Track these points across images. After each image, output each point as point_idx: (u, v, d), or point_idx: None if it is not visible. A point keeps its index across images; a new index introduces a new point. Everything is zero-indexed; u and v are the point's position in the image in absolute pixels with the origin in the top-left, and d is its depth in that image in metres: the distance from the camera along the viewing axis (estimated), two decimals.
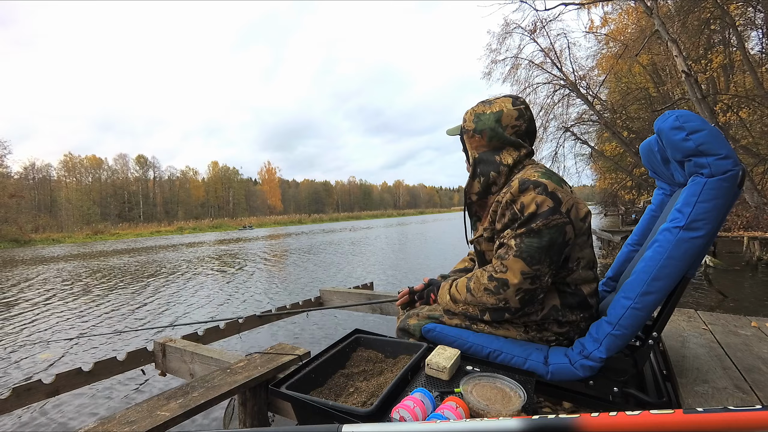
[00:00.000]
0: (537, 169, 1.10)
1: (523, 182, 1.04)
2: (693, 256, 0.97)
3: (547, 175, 1.06)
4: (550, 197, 1.01)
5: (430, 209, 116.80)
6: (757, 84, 9.62)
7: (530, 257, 1.00)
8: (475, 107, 1.23)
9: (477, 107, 1.22)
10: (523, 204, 1.03)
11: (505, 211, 1.07)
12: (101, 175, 56.59)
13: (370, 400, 0.95)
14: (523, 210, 1.02)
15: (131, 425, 1.02)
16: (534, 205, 1.01)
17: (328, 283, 7.51)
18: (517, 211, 1.04)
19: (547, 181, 1.03)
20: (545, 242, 1.00)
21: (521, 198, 1.03)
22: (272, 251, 14.93)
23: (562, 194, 1.03)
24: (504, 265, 1.04)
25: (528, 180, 1.04)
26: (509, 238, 1.05)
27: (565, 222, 1.02)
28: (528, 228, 1.01)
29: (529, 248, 1.01)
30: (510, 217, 1.06)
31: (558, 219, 1.01)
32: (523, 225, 1.03)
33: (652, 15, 9.18)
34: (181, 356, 1.73)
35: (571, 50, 14.17)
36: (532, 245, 1.00)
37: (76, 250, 21.79)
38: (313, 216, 70.00)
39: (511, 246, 1.04)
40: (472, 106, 1.25)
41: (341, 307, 2.89)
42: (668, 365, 1.28)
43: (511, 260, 1.02)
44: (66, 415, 2.63)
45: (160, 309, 5.85)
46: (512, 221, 1.05)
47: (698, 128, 0.94)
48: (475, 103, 1.26)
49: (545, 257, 1.01)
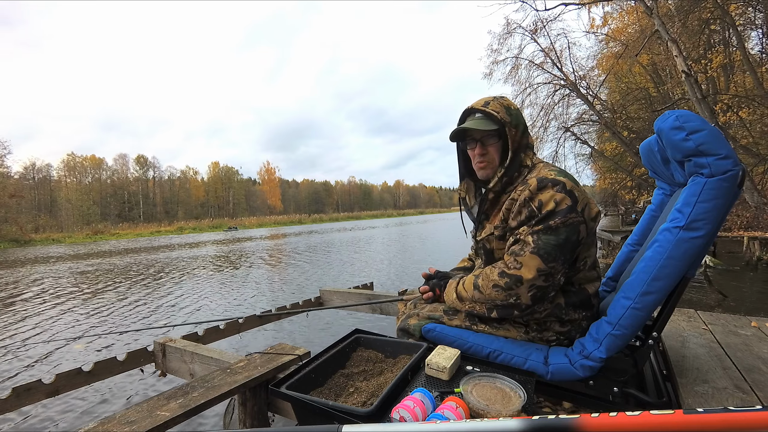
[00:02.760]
0: (551, 168, 1.11)
1: (542, 180, 1.05)
2: (693, 256, 0.97)
3: (563, 174, 1.07)
4: (569, 195, 1.02)
5: (430, 209, 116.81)
6: (757, 84, 9.62)
7: (547, 254, 1.00)
8: (499, 99, 1.16)
9: (503, 100, 1.16)
10: (542, 201, 1.03)
11: (522, 208, 1.07)
12: (101, 175, 56.60)
13: (370, 400, 0.94)
14: (541, 207, 1.03)
15: (131, 425, 1.02)
16: (553, 203, 1.02)
17: (328, 283, 7.51)
18: (534, 209, 1.04)
19: (565, 180, 1.04)
20: (562, 240, 1.01)
21: (539, 195, 1.04)
22: (271, 252, 14.93)
23: (579, 193, 1.04)
24: (518, 261, 1.04)
25: (546, 178, 1.05)
26: (526, 234, 1.04)
27: (580, 221, 1.02)
28: (546, 225, 1.02)
29: (546, 245, 1.01)
30: (527, 214, 1.05)
31: (575, 217, 1.01)
32: (540, 222, 1.03)
33: (652, 15, 9.18)
34: (181, 356, 1.73)
35: (572, 50, 14.20)
36: (549, 242, 1.01)
37: (77, 250, 21.79)
38: (313, 216, 70.02)
39: (528, 242, 1.03)
40: (491, 99, 1.16)
41: (341, 307, 2.89)
42: (668, 365, 1.28)
43: (527, 257, 1.02)
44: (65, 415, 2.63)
45: (160, 309, 5.85)
46: (529, 218, 1.05)
47: (698, 128, 0.94)
48: (476, 99, 1.23)
49: (561, 255, 1.01)
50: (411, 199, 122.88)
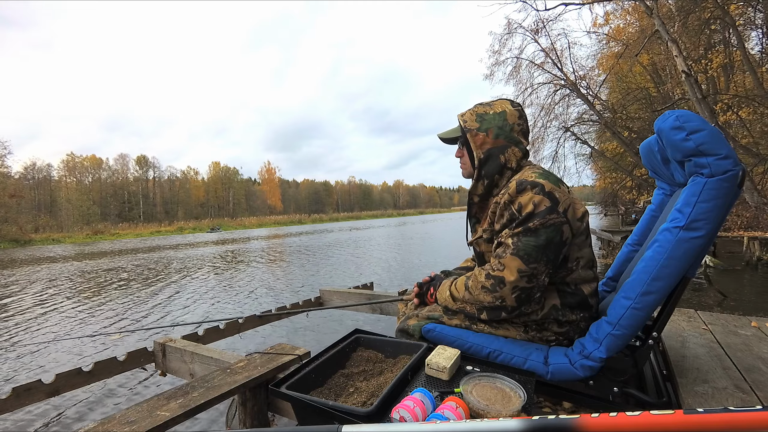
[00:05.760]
0: (534, 170, 1.12)
1: (521, 183, 1.06)
2: (693, 256, 0.97)
3: (545, 176, 1.08)
4: (547, 197, 1.03)
5: (430, 209, 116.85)
6: (757, 84, 9.62)
7: (527, 255, 1.01)
8: (473, 108, 1.24)
9: (476, 108, 1.23)
10: (521, 204, 1.04)
11: (504, 211, 1.08)
12: (101, 175, 56.59)
13: (370, 400, 0.94)
14: (521, 210, 1.04)
15: (131, 425, 1.02)
16: (531, 205, 1.02)
17: (327, 283, 7.51)
18: (515, 211, 1.05)
19: (544, 182, 1.05)
20: (542, 241, 1.01)
21: (519, 198, 1.05)
22: (270, 252, 14.93)
23: (559, 194, 1.04)
24: (501, 263, 1.05)
25: (525, 181, 1.06)
26: (507, 237, 1.06)
27: (562, 221, 1.03)
28: (525, 227, 1.03)
29: (526, 246, 1.02)
30: (508, 217, 1.07)
31: (555, 218, 1.02)
32: (520, 224, 1.04)
33: (652, 15, 9.18)
34: (181, 356, 1.73)
35: (572, 50, 14.20)
36: (529, 244, 1.02)
37: (77, 250, 21.79)
38: (313, 216, 69.99)
39: (508, 245, 1.05)
40: (468, 109, 1.26)
41: (341, 307, 2.89)
42: (668, 365, 1.28)
43: (508, 258, 1.04)
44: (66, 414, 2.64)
45: (159, 309, 5.85)
46: (510, 221, 1.07)
47: (698, 128, 0.94)
48: (468, 107, 1.28)
49: (542, 256, 1.02)
50: (411, 199, 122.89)
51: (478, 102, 1.27)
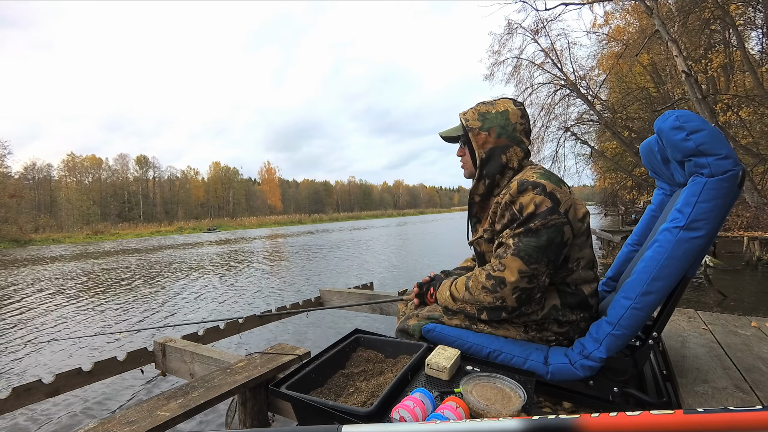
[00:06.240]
0: (536, 170, 1.11)
1: (522, 183, 1.05)
2: (693, 256, 0.96)
3: (546, 176, 1.07)
4: (549, 197, 1.02)
5: (430, 209, 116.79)
6: (757, 84, 9.62)
7: (528, 256, 1.01)
8: (476, 107, 1.23)
9: (479, 107, 1.23)
10: (522, 204, 1.04)
11: (504, 211, 1.08)
12: (101, 175, 56.57)
13: (370, 400, 0.94)
14: (522, 210, 1.03)
15: (131, 425, 1.02)
16: (532, 206, 1.02)
17: (328, 283, 7.51)
18: (515, 212, 1.05)
19: (545, 182, 1.04)
20: (543, 242, 1.01)
21: (520, 199, 1.05)
22: (270, 252, 14.92)
23: (561, 195, 1.04)
24: (502, 263, 1.05)
25: (527, 181, 1.05)
26: (508, 237, 1.06)
27: (563, 222, 1.02)
28: (526, 228, 1.02)
29: (527, 247, 1.01)
30: (509, 217, 1.07)
31: (556, 219, 1.02)
32: (521, 225, 1.03)
33: (652, 15, 9.18)
34: (181, 356, 1.73)
35: (572, 50, 14.21)
36: (530, 244, 1.01)
37: (77, 250, 21.78)
38: (313, 216, 69.98)
39: (509, 245, 1.04)
40: (470, 107, 1.25)
41: (341, 307, 2.88)
42: (668, 365, 1.28)
43: (509, 259, 1.03)
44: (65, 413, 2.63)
45: (159, 309, 5.85)
46: (511, 221, 1.06)
47: (698, 128, 0.94)
48: (469, 106, 1.27)
49: (543, 257, 1.01)
50: (411, 199, 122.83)
51: (481, 101, 1.26)
